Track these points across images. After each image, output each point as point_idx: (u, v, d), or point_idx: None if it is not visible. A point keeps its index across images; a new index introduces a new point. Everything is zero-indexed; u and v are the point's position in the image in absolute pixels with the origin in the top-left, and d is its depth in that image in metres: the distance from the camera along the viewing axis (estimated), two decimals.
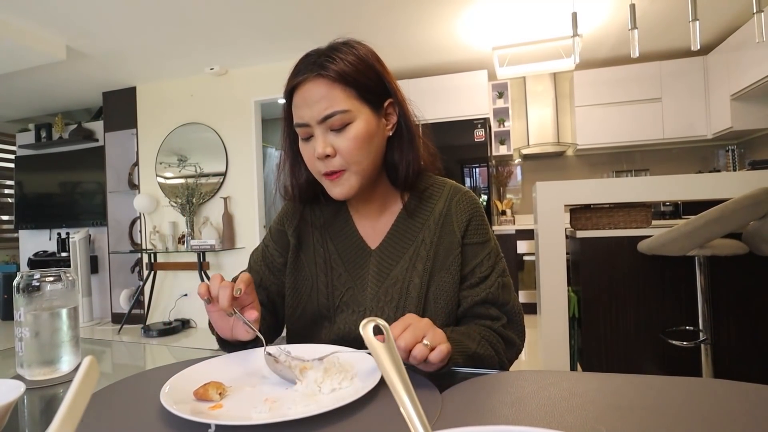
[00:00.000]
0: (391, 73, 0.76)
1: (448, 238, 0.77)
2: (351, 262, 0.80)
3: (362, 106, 0.70)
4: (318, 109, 0.68)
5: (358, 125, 0.69)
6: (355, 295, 0.77)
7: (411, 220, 0.79)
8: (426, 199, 0.80)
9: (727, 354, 1.93)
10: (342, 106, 0.67)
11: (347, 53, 0.70)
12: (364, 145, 0.70)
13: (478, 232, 0.78)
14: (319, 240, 0.83)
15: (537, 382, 0.56)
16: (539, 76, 4.52)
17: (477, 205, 0.80)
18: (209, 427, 0.45)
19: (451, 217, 0.78)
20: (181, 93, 4.44)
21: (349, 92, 0.68)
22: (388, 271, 0.77)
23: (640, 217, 2.08)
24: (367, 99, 0.70)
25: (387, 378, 0.29)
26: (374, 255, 0.79)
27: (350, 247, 0.81)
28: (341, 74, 0.67)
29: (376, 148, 0.73)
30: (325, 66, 0.67)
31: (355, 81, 0.68)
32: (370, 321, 0.33)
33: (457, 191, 0.80)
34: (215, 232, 4.18)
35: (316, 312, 0.79)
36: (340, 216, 0.83)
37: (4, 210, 5.49)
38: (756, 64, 3.27)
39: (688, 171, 4.28)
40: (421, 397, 0.27)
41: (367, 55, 0.72)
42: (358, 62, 0.70)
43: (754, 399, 0.48)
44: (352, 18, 3.32)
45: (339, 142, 0.69)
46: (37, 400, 0.60)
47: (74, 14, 3.05)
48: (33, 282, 0.66)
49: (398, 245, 0.78)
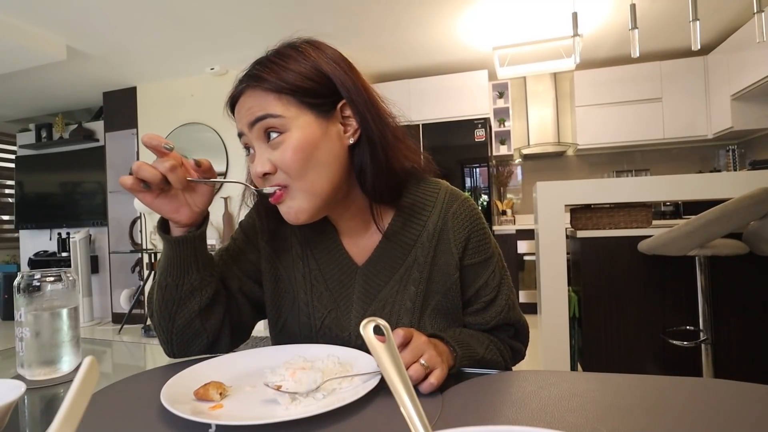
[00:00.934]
0: (354, 74, 0.66)
1: (444, 258, 0.69)
2: (334, 280, 0.72)
3: (302, 112, 0.61)
4: (249, 114, 0.61)
5: (295, 133, 0.60)
6: (339, 317, 0.70)
7: (401, 234, 0.70)
8: (418, 211, 0.70)
9: (727, 354, 1.93)
10: (274, 111, 0.60)
11: (287, 58, 0.62)
12: (305, 155, 0.60)
13: (479, 249, 0.70)
14: (299, 253, 0.74)
15: (537, 382, 0.56)
16: (539, 76, 4.52)
17: (476, 216, 0.71)
18: (209, 427, 0.44)
19: (447, 233, 0.69)
20: (182, 93, 4.44)
21: (286, 99, 0.61)
22: (375, 292, 0.69)
23: (640, 217, 2.08)
24: (309, 104, 0.61)
25: (387, 378, 0.29)
26: (360, 273, 0.70)
27: (333, 262, 0.72)
28: (274, 83, 0.60)
29: (326, 159, 0.62)
30: (259, 77, 0.61)
31: (291, 87, 0.60)
32: (371, 321, 0.33)
33: (454, 200, 0.71)
34: (215, 232, 4.19)
35: (298, 329, 0.73)
36: (326, 231, 0.73)
37: (5, 210, 5.50)
38: (756, 64, 3.27)
39: (688, 171, 4.28)
40: (421, 397, 0.27)
41: (312, 56, 0.63)
42: (299, 66, 0.62)
43: (754, 399, 0.48)
44: (352, 18, 3.32)
45: (276, 156, 0.61)
46: (38, 400, 0.60)
47: (74, 14, 3.06)
48: (33, 282, 0.66)
49: (387, 263, 0.70)
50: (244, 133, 0.63)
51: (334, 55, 0.66)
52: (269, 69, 0.61)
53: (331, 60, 0.64)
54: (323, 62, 0.63)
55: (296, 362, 0.58)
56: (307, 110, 0.61)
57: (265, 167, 0.61)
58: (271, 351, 0.66)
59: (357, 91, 0.64)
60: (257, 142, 0.62)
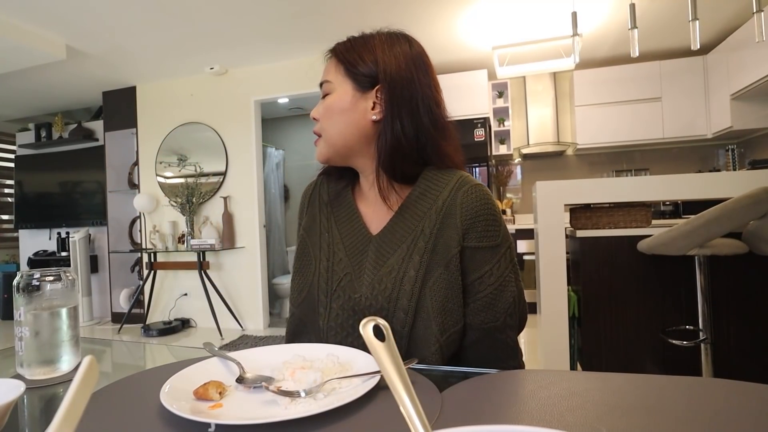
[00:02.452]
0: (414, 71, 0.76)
1: (448, 231, 0.72)
2: (351, 248, 0.79)
3: (345, 81, 0.76)
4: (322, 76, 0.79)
5: (333, 96, 0.77)
6: (353, 281, 0.76)
7: (414, 208, 0.76)
8: (431, 188, 0.76)
9: (727, 353, 1.93)
10: (328, 77, 0.78)
11: (358, 39, 0.78)
12: (333, 115, 0.77)
13: (486, 234, 0.72)
14: (325, 225, 0.84)
15: (537, 381, 0.56)
16: (539, 76, 4.52)
17: (487, 201, 0.73)
18: (209, 427, 0.44)
19: (455, 208, 0.72)
20: (181, 92, 4.44)
21: (339, 67, 0.77)
22: (384, 259, 0.75)
23: (639, 216, 2.08)
24: (352, 76, 0.76)
25: (387, 378, 0.29)
26: (374, 241, 0.77)
27: (352, 232, 0.80)
28: (337, 51, 0.78)
29: (347, 124, 0.76)
30: (333, 49, 0.79)
31: (345, 58, 0.77)
32: (370, 321, 0.33)
33: (466, 182, 0.75)
34: (215, 232, 4.18)
35: (316, 297, 0.79)
36: (345, 201, 0.84)
37: (4, 209, 5.49)
38: (756, 64, 3.27)
39: (688, 171, 4.28)
40: (421, 397, 0.27)
41: (375, 43, 0.77)
42: (358, 44, 0.77)
43: (754, 398, 0.48)
44: (352, 18, 3.32)
45: (318, 108, 0.79)
46: (37, 399, 0.60)
47: (74, 14, 3.05)
48: (33, 281, 0.66)
49: (398, 233, 0.76)
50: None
51: (403, 51, 0.77)
52: (343, 44, 0.79)
53: (395, 52, 0.76)
54: (382, 50, 0.76)
55: (296, 362, 0.58)
56: (350, 80, 0.76)
57: (314, 113, 0.80)
58: (271, 351, 0.66)
59: (400, 84, 0.75)
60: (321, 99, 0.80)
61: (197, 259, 4.03)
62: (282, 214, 5.51)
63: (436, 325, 0.70)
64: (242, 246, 4.24)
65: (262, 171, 4.37)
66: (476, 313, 0.72)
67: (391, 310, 0.71)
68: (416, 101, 0.75)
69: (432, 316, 0.70)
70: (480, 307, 0.72)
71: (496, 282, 0.72)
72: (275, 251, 5.28)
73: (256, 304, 4.21)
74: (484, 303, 0.72)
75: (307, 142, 5.63)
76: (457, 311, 0.71)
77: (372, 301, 0.73)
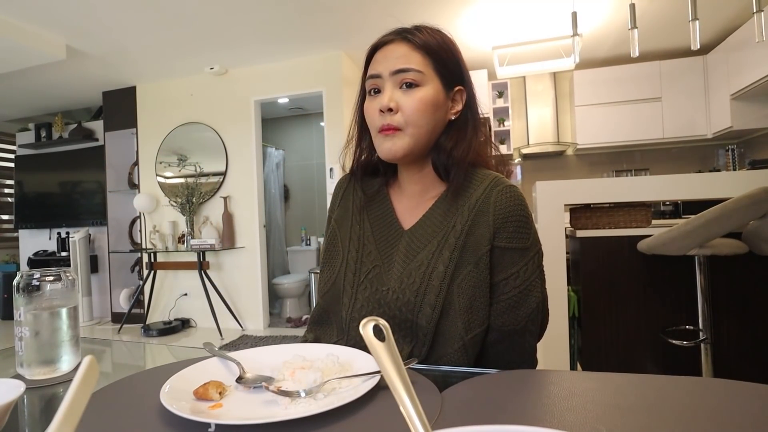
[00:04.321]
0: (467, 68, 0.79)
1: (480, 229, 0.71)
2: (382, 241, 0.79)
3: (435, 76, 0.74)
4: (395, 62, 0.73)
5: (427, 90, 0.73)
6: (381, 273, 0.76)
7: (448, 205, 0.76)
8: (466, 187, 0.76)
9: (727, 353, 1.93)
10: (418, 67, 0.72)
11: (434, 31, 0.76)
12: (428, 110, 0.73)
13: (517, 236, 0.71)
14: (357, 218, 0.84)
15: (537, 381, 0.56)
16: (539, 76, 4.52)
17: (521, 202, 0.73)
18: (209, 427, 0.44)
19: (488, 206, 0.72)
20: (181, 92, 4.44)
21: (428, 60, 0.73)
22: (415, 253, 0.74)
23: (640, 216, 2.08)
24: (441, 73, 0.75)
25: (387, 378, 0.29)
26: (405, 236, 0.77)
27: (384, 225, 0.80)
28: (424, 43, 0.74)
29: (436, 121, 0.75)
30: (412, 33, 0.74)
31: (435, 53, 0.74)
32: (370, 320, 0.33)
33: (501, 182, 0.75)
34: (215, 232, 4.18)
35: (341, 288, 0.79)
36: (380, 196, 0.84)
37: (4, 209, 5.49)
38: (756, 64, 3.27)
39: (688, 171, 4.28)
40: (421, 397, 0.27)
41: (450, 40, 0.77)
42: (442, 41, 0.76)
43: (754, 398, 0.48)
44: (352, 18, 3.32)
45: (405, 100, 0.72)
46: (37, 399, 0.60)
47: (74, 14, 3.05)
48: (33, 281, 0.66)
49: (430, 228, 0.75)
50: (382, 76, 0.74)
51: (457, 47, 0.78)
52: (421, 32, 0.75)
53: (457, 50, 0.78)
54: (455, 50, 0.77)
55: (296, 362, 0.58)
56: (438, 77, 0.74)
57: (391, 103, 0.72)
58: (271, 351, 0.66)
59: (470, 86, 0.79)
60: (391, 85, 0.73)
61: (197, 259, 4.03)
62: (282, 214, 5.51)
63: (461, 322, 0.69)
64: (242, 246, 4.24)
65: (262, 171, 4.37)
66: (499, 314, 0.72)
67: (417, 305, 0.71)
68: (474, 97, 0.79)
69: (459, 313, 0.69)
70: (503, 309, 0.71)
71: (522, 285, 0.71)
72: (275, 251, 5.28)
73: (256, 304, 4.22)
74: (508, 305, 0.71)
75: (307, 142, 5.63)
76: (483, 310, 0.71)
77: (399, 295, 0.72)
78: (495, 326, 0.72)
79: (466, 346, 0.69)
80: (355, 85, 4.82)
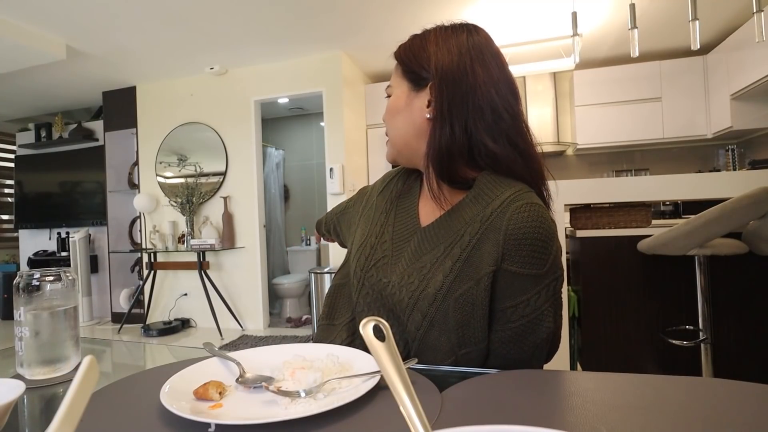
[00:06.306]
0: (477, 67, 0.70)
1: (488, 246, 0.65)
2: (398, 233, 0.79)
3: (402, 81, 0.77)
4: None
5: (391, 97, 0.79)
6: (387, 264, 0.75)
7: (463, 212, 0.71)
8: (484, 195, 0.69)
9: (727, 353, 1.93)
10: (391, 81, 0.79)
11: (420, 33, 0.77)
12: (390, 116, 0.78)
13: (530, 261, 0.62)
14: (387, 206, 0.85)
15: (537, 381, 0.56)
16: (539, 76, 4.52)
17: (540, 224, 0.63)
18: (209, 427, 0.44)
19: (500, 223, 0.64)
20: (181, 92, 4.44)
21: (398, 68, 0.78)
22: (422, 253, 0.71)
23: (640, 216, 2.08)
24: (408, 76, 0.76)
25: (387, 378, 0.29)
26: (419, 233, 0.75)
27: (404, 219, 0.80)
28: (397, 54, 0.78)
29: (406, 124, 0.76)
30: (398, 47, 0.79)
31: (401, 58, 0.77)
32: (370, 320, 0.33)
33: (522, 198, 0.65)
34: (215, 232, 4.18)
35: (354, 267, 0.80)
36: (413, 191, 0.84)
37: (4, 209, 5.49)
38: (755, 64, 3.27)
39: (688, 171, 4.28)
40: (421, 397, 0.27)
41: (430, 39, 0.75)
42: (415, 42, 0.76)
43: (754, 398, 0.48)
44: (352, 18, 3.32)
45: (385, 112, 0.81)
46: (37, 399, 0.60)
47: (74, 14, 3.05)
48: (33, 281, 0.66)
49: (442, 231, 0.72)
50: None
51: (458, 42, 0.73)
52: (402, 44, 0.78)
53: (449, 45, 0.72)
54: (436, 44, 0.73)
55: (296, 362, 0.58)
56: (406, 80, 0.76)
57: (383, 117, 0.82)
58: (271, 351, 0.66)
59: (452, 79, 0.70)
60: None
61: (197, 259, 4.03)
62: (282, 214, 5.51)
63: (456, 337, 0.65)
64: (242, 246, 4.24)
65: (262, 171, 4.37)
66: (503, 343, 0.66)
67: (409, 308, 0.68)
68: (469, 97, 0.69)
69: (452, 328, 0.65)
70: (508, 338, 0.65)
71: (531, 314, 0.64)
72: (275, 251, 5.28)
73: (256, 304, 4.22)
74: (513, 335, 0.65)
75: (307, 142, 5.63)
76: (481, 331, 0.65)
77: (396, 291, 0.71)
78: (497, 354, 0.67)
79: (458, 362, 0.66)
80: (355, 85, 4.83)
